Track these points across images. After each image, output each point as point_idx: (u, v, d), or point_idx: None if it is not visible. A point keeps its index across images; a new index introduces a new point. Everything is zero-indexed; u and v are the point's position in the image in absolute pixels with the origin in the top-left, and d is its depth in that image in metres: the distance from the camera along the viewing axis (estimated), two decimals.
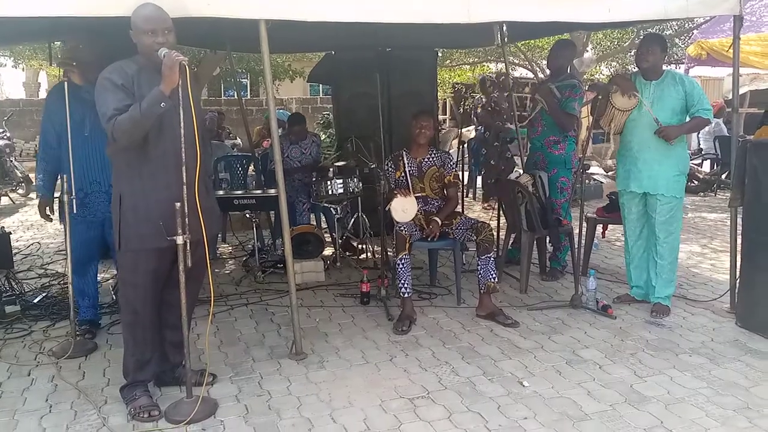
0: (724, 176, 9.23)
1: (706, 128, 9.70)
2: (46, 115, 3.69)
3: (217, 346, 3.74)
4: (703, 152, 10.33)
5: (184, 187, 2.70)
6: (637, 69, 4.15)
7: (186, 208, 2.72)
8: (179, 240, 2.72)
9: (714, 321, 4.03)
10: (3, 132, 10.28)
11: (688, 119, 4.03)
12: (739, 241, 4.06)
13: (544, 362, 3.44)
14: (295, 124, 6.00)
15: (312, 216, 5.95)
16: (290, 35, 4.54)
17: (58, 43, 5.22)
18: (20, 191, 9.64)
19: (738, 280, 4.02)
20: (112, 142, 2.76)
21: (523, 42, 10.59)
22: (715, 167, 10.09)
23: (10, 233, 4.88)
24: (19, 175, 9.44)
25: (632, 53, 12.19)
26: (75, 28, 3.50)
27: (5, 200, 9.28)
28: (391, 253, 4.41)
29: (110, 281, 4.88)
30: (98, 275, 4.04)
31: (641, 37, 11.33)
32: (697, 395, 3.04)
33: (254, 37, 3.26)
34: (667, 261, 4.10)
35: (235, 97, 14.31)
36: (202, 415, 2.85)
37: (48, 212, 3.83)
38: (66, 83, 3.44)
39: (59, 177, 3.56)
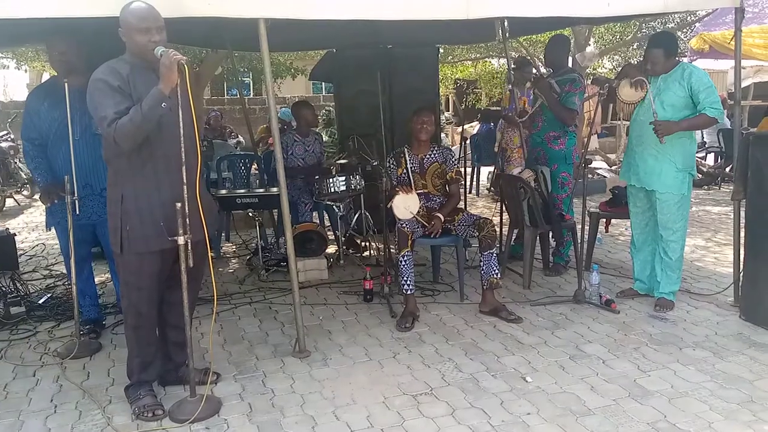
0: (728, 169, 9.20)
1: None
2: (28, 113, 3.60)
3: (221, 344, 3.76)
4: (706, 145, 10.29)
5: (185, 186, 2.70)
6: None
7: (187, 208, 2.71)
8: (180, 240, 2.73)
9: (718, 315, 4.02)
10: (7, 134, 10.32)
11: None
12: (742, 234, 4.04)
13: (548, 357, 3.44)
14: (303, 109, 5.80)
15: (315, 214, 5.96)
16: (291, 33, 4.55)
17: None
18: (25, 192, 9.68)
19: (742, 274, 4.01)
20: (113, 146, 2.71)
21: (524, 37, 10.55)
22: (719, 160, 10.05)
23: (15, 234, 4.91)
24: (24, 176, 9.47)
25: (635, 46, 12.16)
26: (61, 31, 3.48)
27: (10, 202, 9.32)
28: (393, 250, 4.41)
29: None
30: (98, 276, 4.03)
31: (643, 31, 11.31)
32: (700, 389, 3.04)
33: (255, 36, 3.25)
34: (673, 259, 4.05)
35: (238, 96, 14.32)
36: (206, 413, 2.86)
37: (53, 198, 3.58)
38: (66, 84, 3.42)
39: (65, 177, 3.45)
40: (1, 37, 4.61)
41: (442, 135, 11.70)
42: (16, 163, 9.52)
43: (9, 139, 10.15)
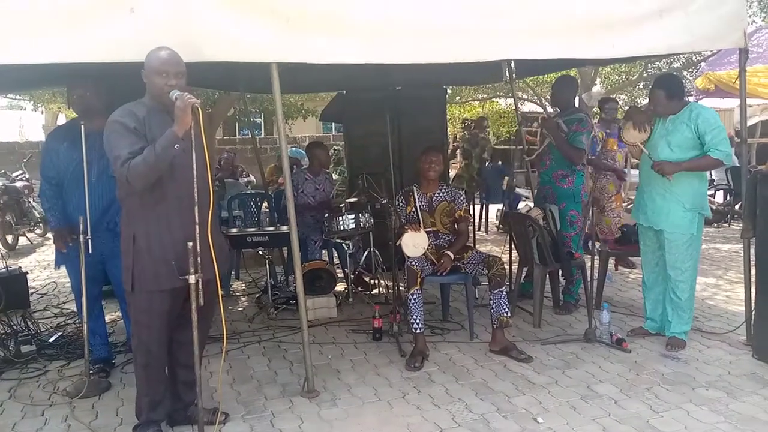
0: (737, 207, 9.18)
1: None
2: (47, 152, 3.67)
3: (230, 383, 3.75)
4: (715, 183, 10.29)
5: (197, 226, 2.73)
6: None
7: (198, 247, 2.74)
8: (191, 279, 2.75)
9: (730, 354, 3.97)
10: (22, 173, 10.50)
11: None
12: (753, 272, 4.02)
13: (559, 398, 3.41)
14: (317, 149, 5.95)
15: (324, 252, 5.98)
16: (302, 76, 4.64)
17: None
18: (38, 231, 9.78)
19: (753, 312, 3.98)
20: (125, 185, 2.78)
21: (531, 77, 10.70)
22: (728, 198, 10.04)
23: (27, 273, 4.95)
24: (37, 215, 9.58)
25: (641, 86, 12.29)
26: (82, 74, 3.58)
27: (23, 240, 9.41)
28: (403, 289, 4.42)
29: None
30: (108, 315, 4.03)
31: (649, 71, 11.44)
32: (714, 430, 2.99)
33: (267, 79, 3.34)
34: (682, 299, 4.02)
35: (250, 136, 14.52)
36: None
37: (67, 240, 3.64)
38: (83, 126, 3.49)
39: (79, 218, 3.49)
40: (21, 80, 4.73)
41: (451, 173, 11.79)
42: (29, 202, 9.65)
43: (24, 178, 10.31)
